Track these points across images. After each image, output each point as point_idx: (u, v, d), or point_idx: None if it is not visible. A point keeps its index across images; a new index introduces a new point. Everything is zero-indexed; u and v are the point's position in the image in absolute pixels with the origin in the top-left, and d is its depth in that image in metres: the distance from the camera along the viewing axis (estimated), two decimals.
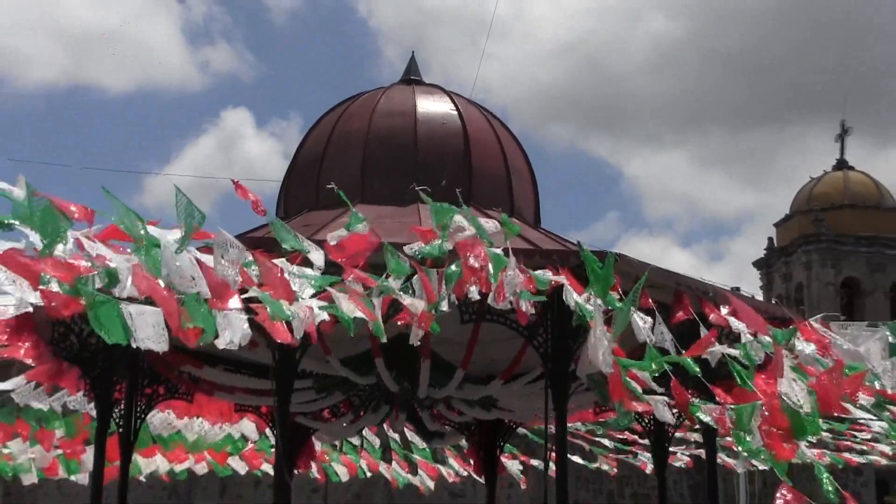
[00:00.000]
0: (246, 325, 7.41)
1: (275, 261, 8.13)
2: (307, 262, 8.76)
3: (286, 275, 8.09)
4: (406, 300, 8.47)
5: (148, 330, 7.16)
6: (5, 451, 16.10)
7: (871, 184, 65.37)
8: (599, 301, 8.90)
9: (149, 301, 7.19)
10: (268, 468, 19.44)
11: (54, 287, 6.81)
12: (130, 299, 7.17)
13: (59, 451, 16.31)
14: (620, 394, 8.37)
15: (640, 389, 8.45)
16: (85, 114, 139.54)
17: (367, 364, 12.13)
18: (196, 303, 7.33)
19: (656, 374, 8.66)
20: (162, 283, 7.21)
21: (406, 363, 12.17)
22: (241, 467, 19.87)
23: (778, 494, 8.30)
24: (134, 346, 7.06)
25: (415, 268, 8.61)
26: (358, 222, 8.80)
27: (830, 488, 8.67)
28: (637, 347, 9.13)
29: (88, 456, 15.90)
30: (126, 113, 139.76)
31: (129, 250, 7.55)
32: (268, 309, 7.56)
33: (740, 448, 8.47)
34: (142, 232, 7.59)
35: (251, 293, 7.74)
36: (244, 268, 7.77)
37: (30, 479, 16.81)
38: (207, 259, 7.67)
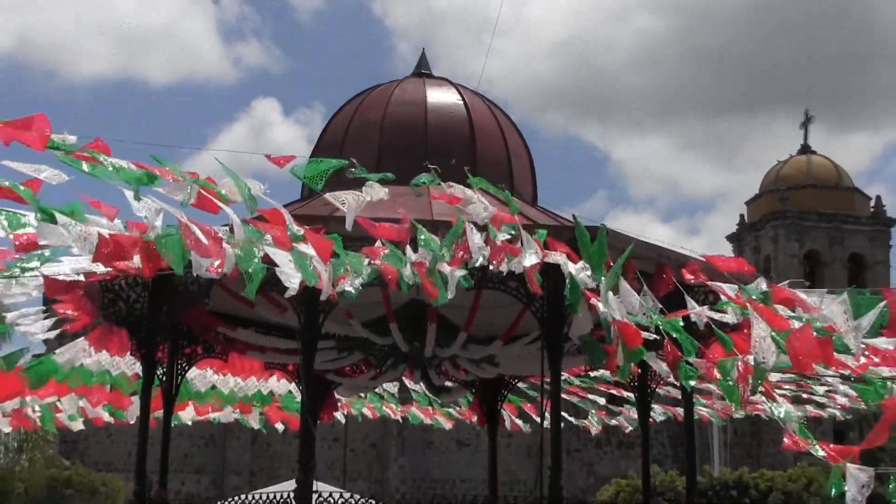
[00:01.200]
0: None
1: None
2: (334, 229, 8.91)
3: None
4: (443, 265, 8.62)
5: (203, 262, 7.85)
6: (58, 403, 16.16)
7: (831, 166, 65.73)
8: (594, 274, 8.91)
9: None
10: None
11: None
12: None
13: (107, 403, 16.35)
14: (636, 342, 8.38)
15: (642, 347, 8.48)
16: (130, 104, 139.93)
17: (384, 326, 12.23)
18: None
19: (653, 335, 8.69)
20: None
21: (416, 326, 12.24)
22: (270, 419, 19.83)
23: (785, 437, 8.32)
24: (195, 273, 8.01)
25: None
26: (378, 189, 8.90)
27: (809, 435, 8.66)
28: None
29: (134, 408, 15.99)
30: (167, 103, 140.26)
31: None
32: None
33: (727, 397, 8.50)
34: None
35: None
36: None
37: (77, 426, 16.80)
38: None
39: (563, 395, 15.27)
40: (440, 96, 13.53)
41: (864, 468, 7.97)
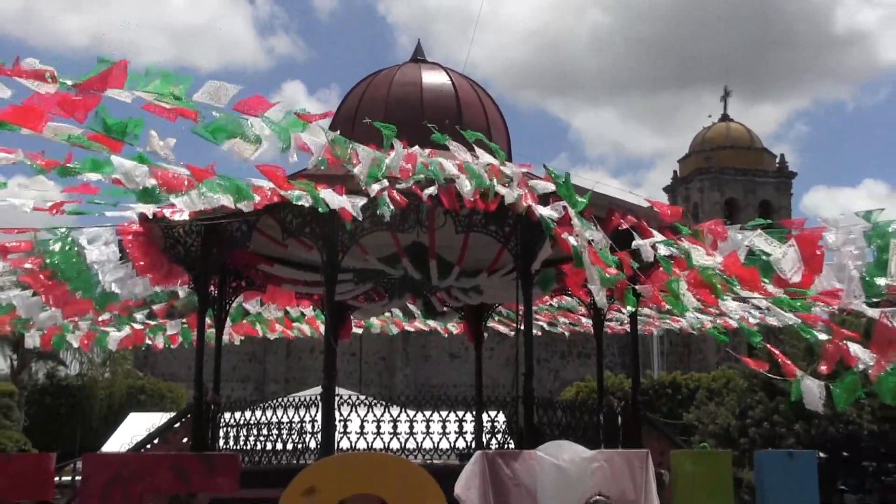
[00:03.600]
0: None
1: None
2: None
3: None
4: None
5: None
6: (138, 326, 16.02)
7: (745, 131, 66.22)
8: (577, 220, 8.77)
9: None
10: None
11: None
12: None
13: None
14: (606, 269, 8.32)
15: (606, 274, 8.41)
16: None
17: (396, 260, 12.31)
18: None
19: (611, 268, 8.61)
20: None
21: (420, 261, 12.29)
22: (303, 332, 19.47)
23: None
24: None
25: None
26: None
27: (756, 339, 8.68)
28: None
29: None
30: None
31: None
32: None
33: (673, 308, 8.53)
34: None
35: None
36: None
37: (159, 343, 16.57)
38: None
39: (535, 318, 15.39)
40: (433, 78, 13.44)
41: (815, 380, 8.03)
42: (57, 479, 14.43)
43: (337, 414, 10.71)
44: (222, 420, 12.31)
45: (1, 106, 6.90)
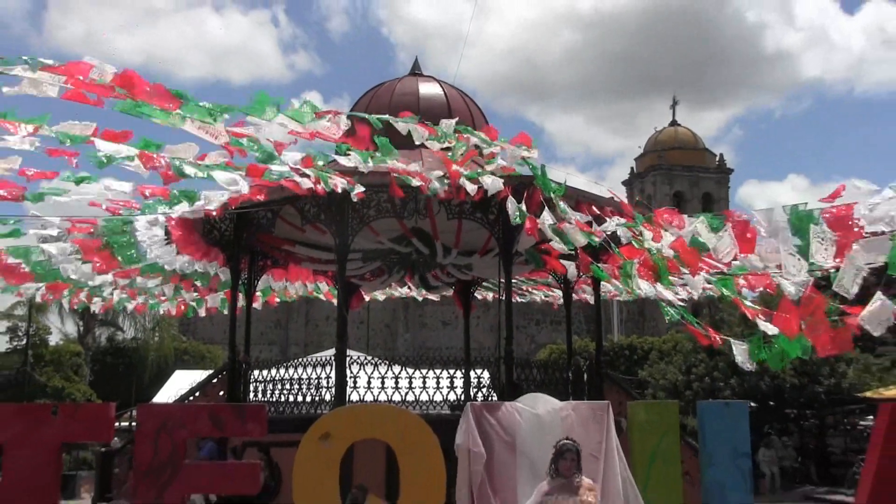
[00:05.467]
0: None
1: None
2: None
3: None
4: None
5: None
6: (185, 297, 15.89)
7: (690, 134, 66.07)
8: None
9: None
10: None
11: None
12: None
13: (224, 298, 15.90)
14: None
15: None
16: (220, 98, 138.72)
17: (406, 240, 12.30)
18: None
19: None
20: None
21: (427, 241, 12.24)
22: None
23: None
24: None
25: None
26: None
27: (668, 312, 8.60)
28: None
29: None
30: (244, 97, 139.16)
31: None
32: None
33: (624, 284, 8.47)
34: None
35: None
36: None
37: (202, 312, 16.47)
38: None
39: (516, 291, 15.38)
40: (428, 89, 13.35)
41: (743, 344, 7.97)
42: (116, 424, 14.40)
43: (348, 372, 10.72)
44: (252, 376, 12.30)
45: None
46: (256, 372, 12.36)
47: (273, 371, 12.16)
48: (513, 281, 12.21)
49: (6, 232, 9.26)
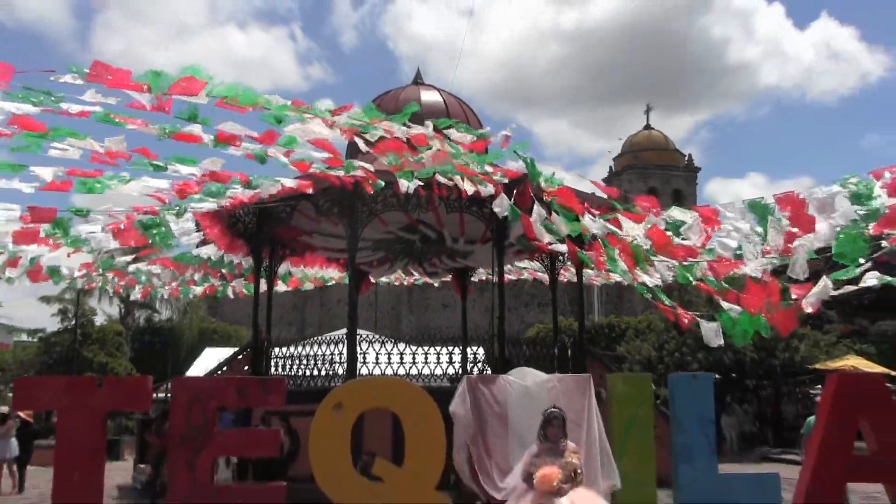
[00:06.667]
0: None
1: None
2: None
3: None
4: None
5: None
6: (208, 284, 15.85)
7: (662, 137, 65.82)
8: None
9: None
10: None
11: None
12: None
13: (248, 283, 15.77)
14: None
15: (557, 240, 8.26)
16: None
17: (413, 228, 12.30)
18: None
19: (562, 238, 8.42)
20: None
21: (433, 229, 12.19)
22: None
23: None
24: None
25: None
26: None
27: (643, 291, 8.55)
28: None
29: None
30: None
31: None
32: None
33: (611, 269, 8.41)
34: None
35: None
36: None
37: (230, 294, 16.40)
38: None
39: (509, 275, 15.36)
40: (429, 96, 13.30)
41: (711, 323, 7.94)
42: (154, 395, 14.42)
43: (358, 349, 10.71)
44: (273, 353, 12.29)
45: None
46: (277, 349, 12.35)
47: (291, 348, 12.16)
48: (506, 266, 12.21)
49: (55, 227, 9.19)
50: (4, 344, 40.52)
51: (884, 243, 7.32)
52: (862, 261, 7.19)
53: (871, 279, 7.91)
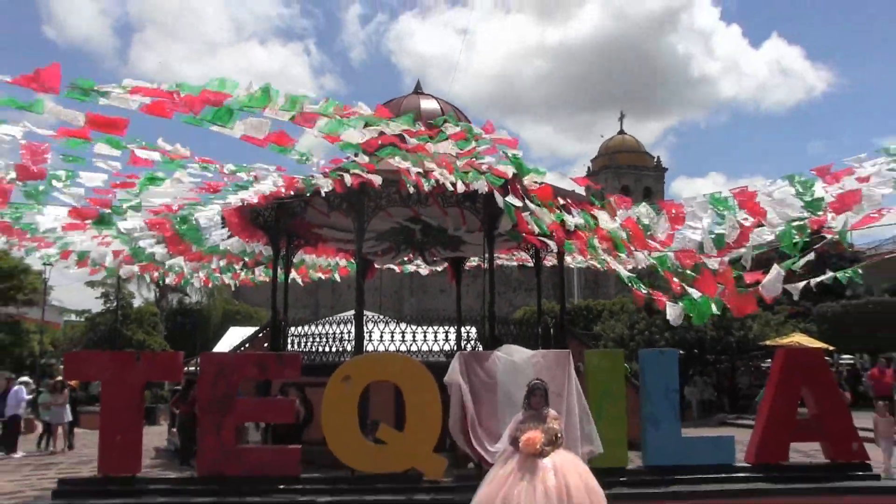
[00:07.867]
0: None
1: None
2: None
3: None
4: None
5: None
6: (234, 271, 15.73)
7: (635, 141, 65.52)
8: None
9: None
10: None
11: None
12: None
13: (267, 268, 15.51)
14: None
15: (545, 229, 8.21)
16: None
17: (417, 220, 12.13)
18: None
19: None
20: None
21: (438, 220, 12.16)
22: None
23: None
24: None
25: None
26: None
27: (623, 277, 8.51)
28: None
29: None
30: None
31: None
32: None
33: (592, 254, 8.39)
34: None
35: None
36: None
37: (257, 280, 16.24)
38: None
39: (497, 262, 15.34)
40: (428, 105, 13.20)
41: (675, 305, 7.94)
42: (185, 369, 14.42)
43: (365, 328, 10.71)
44: (289, 332, 12.29)
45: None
46: (293, 328, 12.35)
47: (306, 328, 12.16)
48: (496, 255, 12.15)
49: (100, 221, 9.15)
50: (56, 323, 40.48)
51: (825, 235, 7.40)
52: (805, 252, 7.27)
53: (826, 275, 8.07)
